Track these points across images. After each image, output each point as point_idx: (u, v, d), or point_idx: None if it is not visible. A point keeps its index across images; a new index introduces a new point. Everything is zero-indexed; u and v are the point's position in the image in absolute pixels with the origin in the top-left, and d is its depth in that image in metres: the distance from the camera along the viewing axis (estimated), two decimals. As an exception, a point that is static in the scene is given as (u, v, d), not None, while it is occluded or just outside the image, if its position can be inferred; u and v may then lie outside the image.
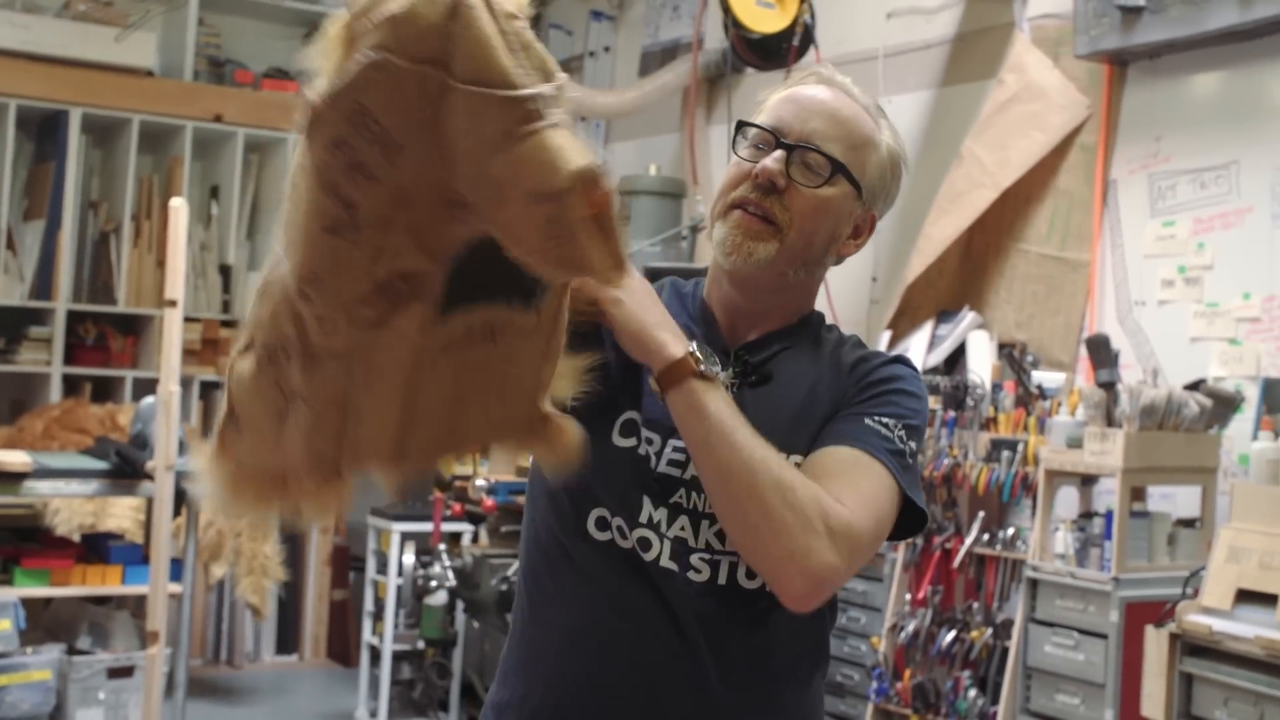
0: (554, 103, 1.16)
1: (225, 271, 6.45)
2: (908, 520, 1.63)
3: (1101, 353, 3.76)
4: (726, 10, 4.32)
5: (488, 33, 1.14)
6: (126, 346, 6.32)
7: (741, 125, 1.70)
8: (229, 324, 6.43)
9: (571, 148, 1.15)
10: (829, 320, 1.79)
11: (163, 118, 6.34)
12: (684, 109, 6.10)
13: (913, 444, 1.64)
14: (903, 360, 1.73)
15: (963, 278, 4.75)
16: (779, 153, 1.64)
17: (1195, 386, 3.79)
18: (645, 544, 1.62)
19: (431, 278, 1.22)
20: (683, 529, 1.62)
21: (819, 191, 1.64)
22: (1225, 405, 3.76)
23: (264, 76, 6.68)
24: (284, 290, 1.25)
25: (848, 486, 1.54)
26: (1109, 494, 3.88)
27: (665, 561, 1.61)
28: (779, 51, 4.46)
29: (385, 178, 1.16)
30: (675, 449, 1.62)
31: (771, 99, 1.72)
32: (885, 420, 1.62)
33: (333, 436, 1.28)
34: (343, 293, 1.21)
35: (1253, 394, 3.88)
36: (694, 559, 1.62)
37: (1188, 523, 3.82)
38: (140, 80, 6.29)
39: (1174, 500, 3.98)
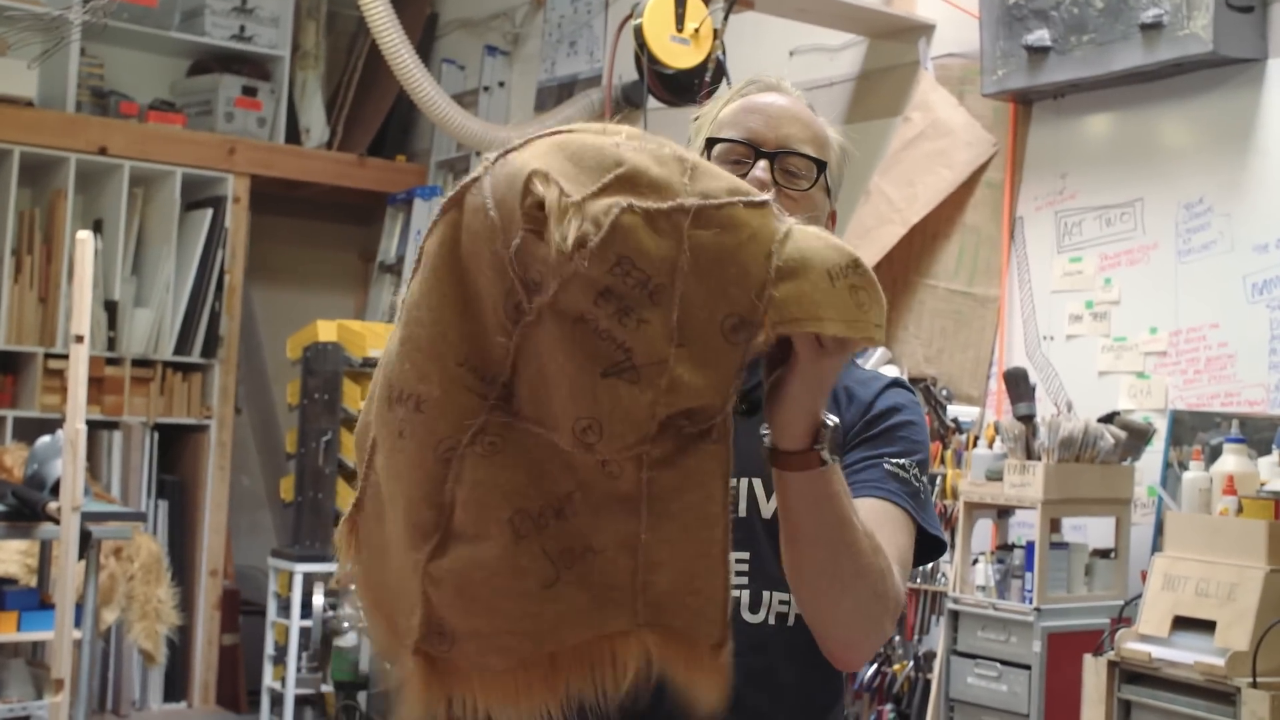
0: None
1: (110, 307, 6.26)
2: (923, 546, 1.64)
3: (1020, 386, 3.82)
4: (642, 46, 4.31)
5: (708, 164, 1.26)
6: (6, 385, 6.11)
7: (712, 142, 1.68)
8: (114, 361, 6.26)
9: (818, 229, 1.29)
10: None
11: (44, 149, 6.15)
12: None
13: (924, 478, 1.64)
14: (898, 384, 1.73)
15: (870, 313, 4.79)
16: (764, 162, 1.63)
17: (1109, 419, 3.86)
18: None
19: (723, 416, 1.25)
20: None
21: (809, 194, 1.65)
22: (1138, 437, 3.84)
23: (149, 108, 6.52)
24: (544, 448, 1.25)
25: (886, 544, 1.52)
26: (1023, 526, 3.94)
27: None
28: (691, 87, 4.46)
29: (655, 318, 1.20)
30: None
31: (724, 112, 1.70)
32: (900, 462, 1.62)
33: (624, 583, 1.27)
34: (627, 435, 1.22)
35: (1161, 426, 3.96)
36: None
37: (1103, 553, 3.89)
38: (20, 111, 6.10)
39: (1085, 531, 4.05)
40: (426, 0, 7.07)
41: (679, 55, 4.36)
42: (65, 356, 4.46)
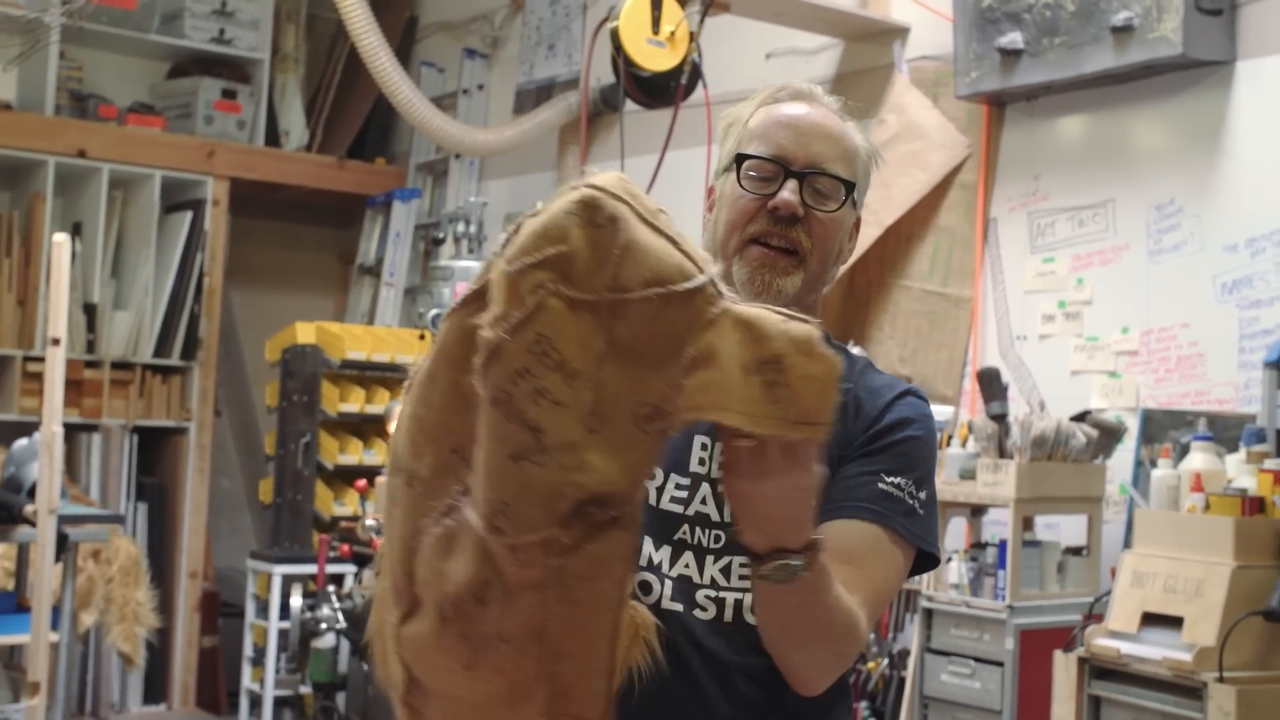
0: (721, 282, 1.25)
1: (89, 310, 6.27)
2: (916, 561, 1.64)
3: (992, 385, 3.84)
4: (618, 48, 4.34)
5: (646, 239, 1.22)
6: (-17, 388, 6.12)
7: (741, 158, 1.67)
8: (93, 364, 6.26)
9: (768, 315, 1.24)
10: None
11: (23, 152, 6.15)
12: (561, 148, 6.11)
13: (924, 494, 1.62)
14: (911, 393, 1.70)
15: (846, 313, 4.83)
16: (793, 182, 1.63)
17: (1081, 418, 3.89)
18: (646, 588, 1.57)
19: (630, 503, 1.24)
20: (686, 566, 1.59)
21: (835, 214, 1.65)
22: (1110, 436, 3.87)
23: (129, 111, 6.53)
24: (467, 535, 1.26)
25: (863, 577, 1.53)
26: (996, 524, 3.97)
27: (668, 603, 1.57)
28: (667, 90, 4.49)
29: (569, 401, 1.20)
30: (678, 485, 1.59)
31: (753, 120, 1.69)
32: (896, 480, 1.60)
33: (532, 672, 1.27)
34: (535, 519, 1.22)
35: (1132, 425, 4.00)
36: (699, 596, 1.58)
37: (1075, 550, 3.92)
38: (-3, 113, 6.11)
39: (1057, 529, 4.08)
40: (406, 3, 7.08)
41: (655, 58, 4.39)
42: (43, 359, 4.46)
